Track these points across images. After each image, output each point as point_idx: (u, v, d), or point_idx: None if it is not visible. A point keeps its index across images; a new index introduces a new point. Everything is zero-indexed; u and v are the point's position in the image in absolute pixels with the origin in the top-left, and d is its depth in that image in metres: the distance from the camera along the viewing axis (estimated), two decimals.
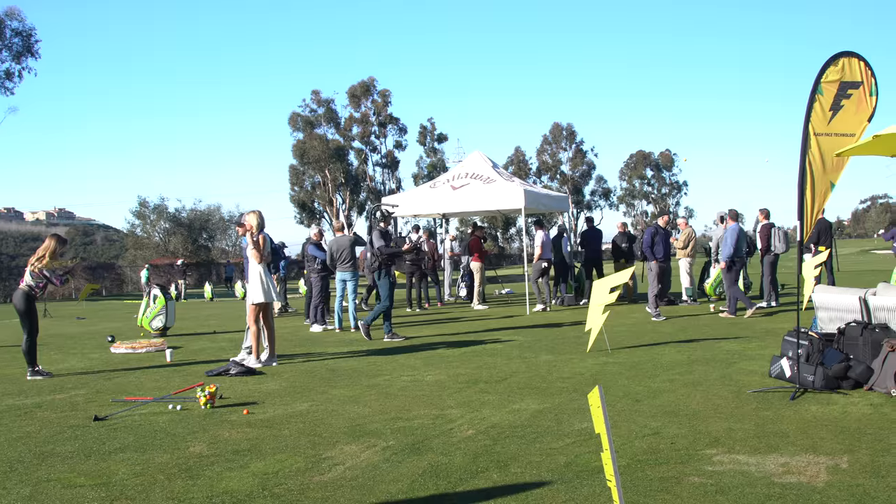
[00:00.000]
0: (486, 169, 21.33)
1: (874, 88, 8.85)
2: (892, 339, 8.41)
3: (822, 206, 8.74)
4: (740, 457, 6.08)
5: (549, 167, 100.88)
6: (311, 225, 70.59)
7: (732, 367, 10.06)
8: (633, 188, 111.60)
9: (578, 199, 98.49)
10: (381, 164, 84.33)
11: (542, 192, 23.28)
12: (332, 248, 16.45)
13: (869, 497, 5.10)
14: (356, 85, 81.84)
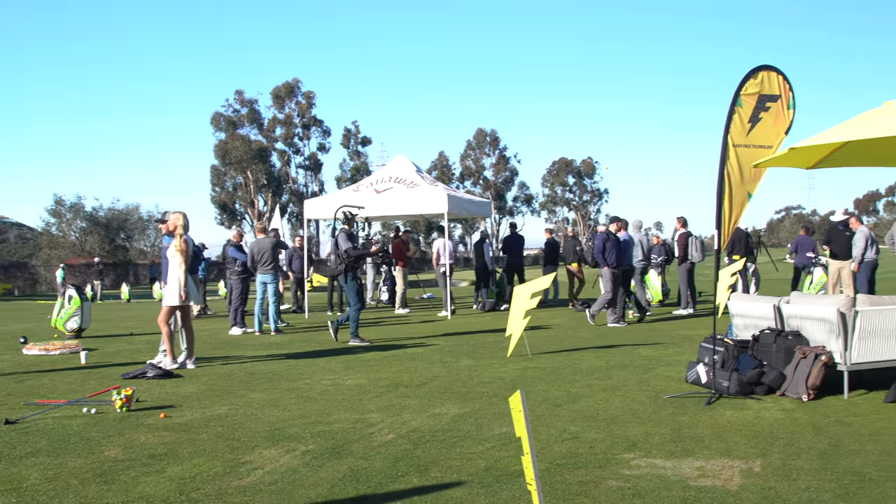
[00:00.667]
0: (410, 173, 21.34)
1: (792, 102, 9.07)
2: (804, 346, 8.63)
3: (739, 216, 8.92)
4: (657, 461, 6.17)
5: (472, 172, 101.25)
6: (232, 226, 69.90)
7: (650, 373, 10.20)
8: (555, 195, 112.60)
9: (501, 205, 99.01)
10: (305, 166, 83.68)
11: (465, 198, 23.36)
12: (252, 251, 16.29)
13: (781, 499, 5.21)
14: (280, 86, 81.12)
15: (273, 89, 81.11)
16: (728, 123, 8.66)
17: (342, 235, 14.47)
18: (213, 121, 78.99)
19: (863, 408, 7.93)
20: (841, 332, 8.40)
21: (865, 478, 5.64)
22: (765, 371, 8.62)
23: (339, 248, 14.39)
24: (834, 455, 6.25)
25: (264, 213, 76.32)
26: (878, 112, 8.00)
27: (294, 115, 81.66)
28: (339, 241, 14.47)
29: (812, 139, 8.11)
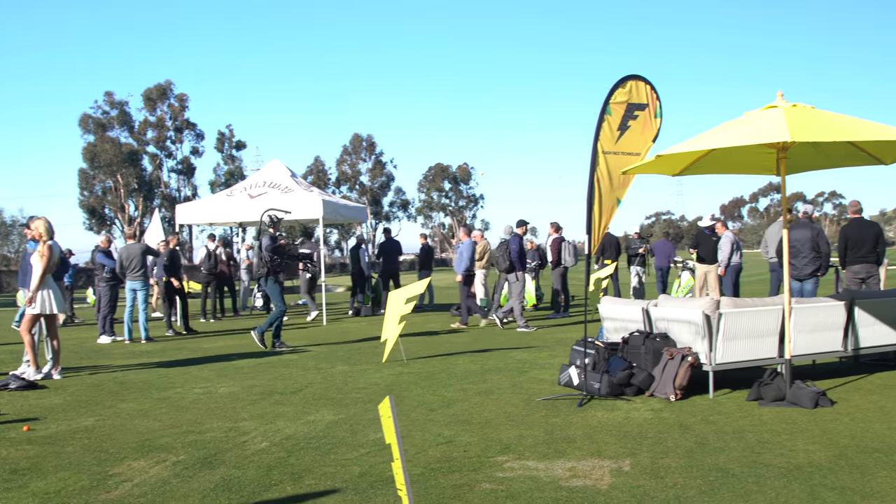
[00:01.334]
0: (285, 178, 21.13)
1: (659, 111, 9.32)
2: (672, 348, 8.86)
3: (608, 222, 9.11)
4: (530, 462, 6.24)
5: (348, 178, 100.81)
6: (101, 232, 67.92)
7: (524, 376, 10.33)
8: (431, 200, 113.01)
9: (377, 210, 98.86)
10: (177, 170, 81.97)
11: (341, 203, 23.27)
12: (121, 257, 15.86)
13: (649, 497, 5.34)
14: (152, 88, 79.28)
15: (145, 91, 79.25)
16: (597, 131, 8.84)
17: (266, 239, 14.26)
18: (81, 122, 76.59)
19: (727, 406, 8.19)
20: (706, 333, 8.66)
21: (729, 474, 5.83)
22: (634, 372, 8.82)
23: (262, 250, 14.21)
24: (700, 453, 6.43)
25: (135, 218, 74.48)
26: (739, 122, 8.29)
27: (166, 118, 79.94)
28: (263, 243, 14.29)
29: (677, 147, 8.35)
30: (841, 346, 9.57)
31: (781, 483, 5.58)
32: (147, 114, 79.48)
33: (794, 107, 8.11)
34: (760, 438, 6.84)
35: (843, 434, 6.93)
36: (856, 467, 5.93)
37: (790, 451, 6.41)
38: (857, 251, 12.86)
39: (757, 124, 7.86)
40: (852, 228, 13.11)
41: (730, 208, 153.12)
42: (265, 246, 14.15)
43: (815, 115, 8.06)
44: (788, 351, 8.75)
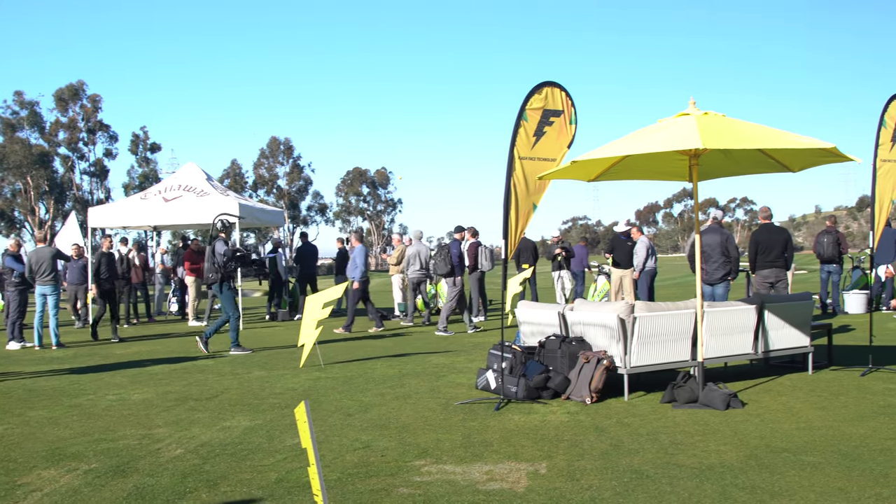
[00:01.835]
0: (201, 181, 20.83)
1: (574, 117, 9.43)
2: (587, 352, 8.96)
3: (525, 226, 9.18)
4: (447, 466, 6.26)
5: (265, 181, 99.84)
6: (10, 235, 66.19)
7: (441, 380, 10.35)
8: (349, 204, 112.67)
9: (295, 215, 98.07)
10: (90, 172, 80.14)
11: (258, 207, 23.04)
12: (31, 261, 15.48)
13: (565, 499, 5.39)
14: (63, 88, 77.40)
15: (56, 91, 77.28)
16: (514, 137, 8.91)
17: (219, 244, 14.03)
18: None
19: (641, 409, 8.31)
20: (621, 337, 8.78)
21: (643, 475, 5.92)
22: (551, 376, 8.90)
23: (215, 256, 13.97)
24: (615, 455, 6.52)
25: (46, 222, 72.76)
26: (653, 129, 8.44)
27: (78, 119, 78.14)
28: (215, 248, 14.03)
29: (592, 153, 8.47)
30: (751, 348, 9.78)
31: (694, 483, 5.69)
32: (59, 114, 77.61)
33: (705, 115, 8.28)
34: (674, 440, 6.96)
35: (753, 434, 7.08)
36: (765, 467, 6.07)
37: (703, 452, 6.53)
38: (767, 256, 13.17)
39: (670, 131, 8.01)
40: (762, 234, 13.41)
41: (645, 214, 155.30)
42: (218, 251, 13.94)
43: (725, 122, 8.24)
44: (701, 354, 8.91)
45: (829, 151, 8.38)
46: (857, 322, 16.33)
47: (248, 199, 23.95)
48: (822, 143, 8.13)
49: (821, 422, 7.54)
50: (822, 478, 5.77)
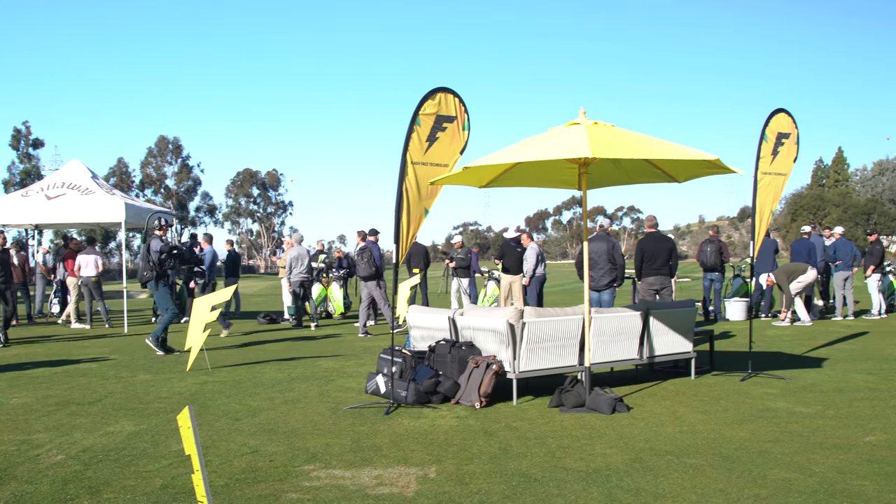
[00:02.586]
0: (85, 179, 20.27)
1: (467, 123, 9.49)
2: (477, 356, 9.03)
3: (416, 231, 9.21)
4: (336, 471, 6.23)
5: (153, 181, 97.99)
6: None
7: (331, 385, 10.29)
8: (239, 206, 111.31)
9: (183, 215, 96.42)
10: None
11: (145, 207, 22.53)
12: None
13: (454, 503, 5.43)
14: None
15: None
16: (407, 142, 8.93)
17: (155, 242, 13.68)
18: None
19: (530, 413, 8.41)
20: (510, 342, 8.87)
21: (531, 478, 5.99)
22: (440, 380, 8.93)
23: (150, 253, 13.63)
24: (503, 458, 6.58)
25: None
26: (544, 137, 8.55)
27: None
28: (151, 247, 13.70)
29: (484, 160, 8.53)
30: (637, 354, 9.99)
31: (580, 486, 5.78)
32: None
33: (595, 124, 8.44)
34: (561, 443, 7.06)
35: (638, 438, 7.23)
36: (650, 469, 6.20)
37: (589, 456, 6.64)
38: (652, 264, 13.46)
39: (560, 140, 8.13)
40: (648, 242, 13.71)
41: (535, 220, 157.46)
42: (154, 249, 13.61)
43: (614, 133, 8.41)
44: (588, 359, 9.06)
45: (713, 163, 8.63)
46: (738, 328, 16.83)
47: (134, 199, 23.44)
48: (706, 155, 8.37)
49: (702, 425, 7.75)
50: (703, 479, 5.93)
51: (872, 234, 20.30)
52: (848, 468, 6.19)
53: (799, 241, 19.25)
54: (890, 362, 11.71)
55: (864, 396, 9.10)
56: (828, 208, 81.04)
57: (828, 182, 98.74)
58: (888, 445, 6.87)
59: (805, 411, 8.34)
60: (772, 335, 15.72)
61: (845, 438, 7.14)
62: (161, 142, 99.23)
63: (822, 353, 12.83)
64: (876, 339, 14.86)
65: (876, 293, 19.48)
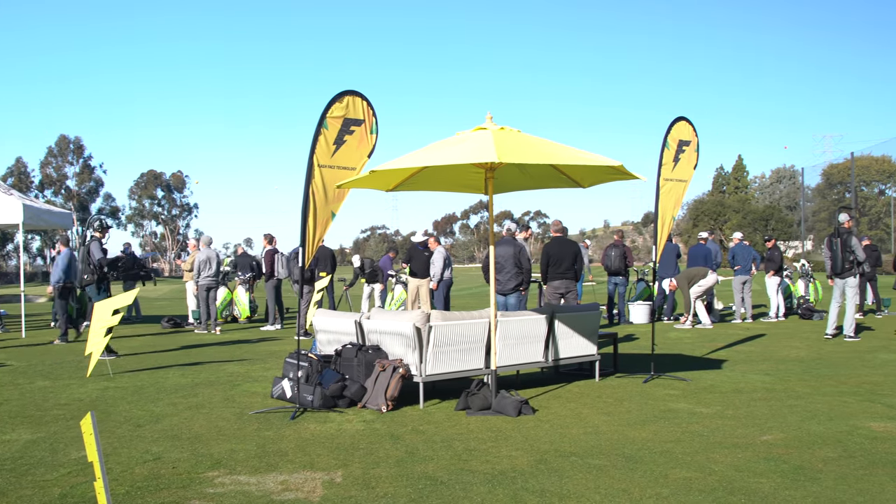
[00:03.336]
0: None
1: (375, 127, 9.49)
2: (384, 360, 9.02)
3: (323, 234, 9.17)
4: (241, 477, 6.16)
5: (53, 181, 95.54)
6: None
7: (236, 389, 10.18)
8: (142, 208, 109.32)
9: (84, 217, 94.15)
10: None
11: (44, 208, 21.95)
12: None
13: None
14: None
15: None
16: (314, 145, 8.88)
17: (95, 245, 13.29)
18: None
19: (436, 416, 8.44)
20: (417, 345, 8.88)
21: (438, 481, 6.00)
22: (347, 384, 8.90)
23: (91, 257, 13.32)
24: (410, 462, 6.58)
25: None
26: (451, 142, 8.59)
27: None
28: (91, 250, 13.35)
29: (390, 163, 8.54)
30: (542, 357, 10.09)
31: (486, 489, 5.82)
32: None
33: (501, 129, 8.50)
34: (467, 446, 7.09)
35: (543, 440, 7.31)
36: (554, 471, 6.27)
37: (495, 458, 6.69)
38: (558, 267, 13.61)
39: (467, 144, 8.17)
40: (553, 246, 13.86)
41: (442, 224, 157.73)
42: (94, 252, 13.25)
43: (520, 138, 8.49)
44: (494, 362, 9.13)
45: (617, 169, 8.77)
46: (641, 331, 17.14)
47: (33, 200, 22.77)
48: (610, 161, 8.50)
49: (606, 426, 7.87)
50: (607, 480, 6.02)
51: (770, 239, 20.87)
52: (746, 466, 6.35)
53: (695, 247, 19.70)
54: (786, 363, 12.05)
55: (761, 397, 9.35)
56: (728, 214, 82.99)
57: (728, 189, 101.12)
58: (784, 444, 7.07)
59: (705, 412, 8.53)
60: (674, 338, 16.04)
61: (743, 438, 7.33)
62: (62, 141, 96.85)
63: (721, 355, 13.14)
64: (773, 340, 15.28)
65: (774, 296, 20.02)
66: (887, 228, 70.52)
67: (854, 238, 14.90)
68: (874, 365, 11.78)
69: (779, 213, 79.86)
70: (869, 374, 10.94)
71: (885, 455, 6.67)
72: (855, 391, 9.64)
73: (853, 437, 7.29)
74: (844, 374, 10.89)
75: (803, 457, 6.64)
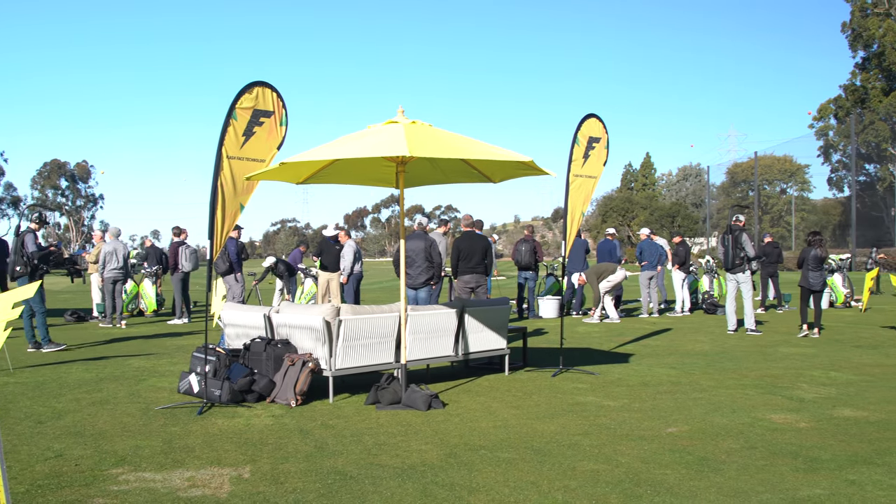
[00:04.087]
0: None
1: (284, 119, 9.39)
2: (293, 354, 8.96)
3: (231, 227, 9.05)
4: (147, 474, 6.05)
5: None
6: None
7: (142, 385, 10.00)
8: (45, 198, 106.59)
9: None
10: None
11: None
12: None
13: (269, 503, 5.36)
14: None
15: None
16: (222, 135, 8.76)
17: (30, 237, 12.86)
18: None
19: (346, 410, 8.40)
20: (326, 339, 8.83)
21: (347, 476, 5.98)
22: (255, 379, 8.82)
23: (24, 248, 12.92)
24: (319, 456, 6.55)
25: None
26: (362, 134, 8.57)
27: None
28: (25, 241, 12.92)
29: (301, 156, 8.48)
30: (452, 351, 10.12)
31: (396, 483, 5.81)
32: None
33: (413, 123, 8.51)
34: (377, 440, 7.08)
35: (453, 434, 7.34)
36: (464, 464, 6.30)
37: (405, 452, 6.69)
38: (468, 262, 13.68)
39: (378, 138, 8.16)
40: (464, 241, 13.92)
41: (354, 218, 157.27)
42: (28, 244, 12.82)
43: (432, 132, 8.51)
44: (404, 356, 9.14)
45: (527, 165, 8.85)
46: (550, 326, 17.30)
47: None
48: (520, 156, 8.57)
49: (515, 420, 7.93)
50: (516, 473, 6.07)
51: (676, 235, 21.28)
52: (652, 458, 6.47)
53: (603, 242, 19.98)
54: (692, 357, 12.30)
55: (666, 390, 9.52)
56: (636, 210, 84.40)
57: (636, 186, 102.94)
58: (689, 436, 7.21)
59: (612, 405, 8.66)
60: (582, 332, 16.24)
61: (649, 430, 7.46)
62: None
63: (629, 349, 13.35)
64: (679, 335, 15.58)
65: (680, 291, 20.40)
66: (788, 226, 72.49)
67: (745, 235, 15.32)
68: (775, 358, 12.10)
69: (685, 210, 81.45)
70: (770, 367, 11.23)
71: (784, 446, 6.85)
72: (756, 384, 9.88)
73: (755, 429, 7.48)
74: (746, 368, 11.16)
75: (707, 448, 6.79)
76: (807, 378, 10.27)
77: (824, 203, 77.26)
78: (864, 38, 66.66)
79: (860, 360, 11.79)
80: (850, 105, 67.87)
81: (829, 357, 12.19)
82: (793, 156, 77.87)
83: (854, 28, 67.65)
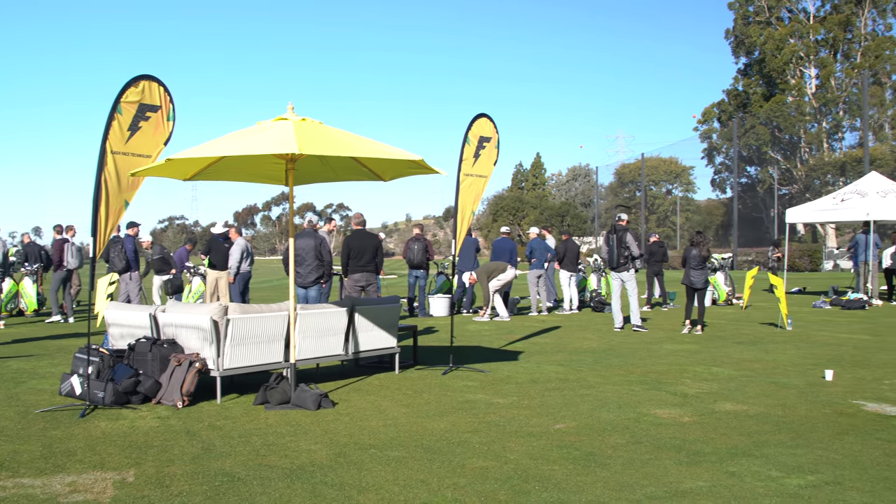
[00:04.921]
0: None
1: (172, 114, 9.23)
2: (179, 354, 8.80)
3: (115, 224, 8.86)
4: (25, 480, 5.87)
5: None
6: None
7: (21, 387, 9.69)
8: None
9: None
10: None
11: None
12: None
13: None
14: None
15: None
16: (106, 130, 8.55)
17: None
18: None
19: (234, 411, 8.29)
20: (214, 339, 8.70)
21: (235, 478, 5.91)
22: (141, 380, 8.63)
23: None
24: (206, 458, 6.45)
25: None
26: (251, 131, 8.47)
27: None
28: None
29: (188, 152, 8.33)
30: (342, 350, 10.08)
31: (285, 483, 5.76)
32: None
33: (303, 120, 8.44)
34: (266, 441, 7.01)
35: (342, 433, 7.31)
36: (354, 464, 6.28)
37: (294, 452, 6.63)
38: (359, 260, 13.63)
39: (268, 135, 8.08)
40: (355, 239, 13.86)
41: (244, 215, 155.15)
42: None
43: (322, 130, 8.46)
44: (293, 355, 9.06)
45: (418, 163, 8.87)
46: (441, 324, 17.38)
47: None
48: (410, 154, 8.58)
49: (405, 418, 7.94)
50: (406, 471, 6.08)
51: (565, 234, 21.59)
52: (540, 454, 6.55)
53: (500, 240, 20.13)
54: (579, 354, 12.50)
55: (555, 387, 9.65)
56: (526, 210, 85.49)
57: (527, 185, 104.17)
58: (576, 432, 7.33)
59: (502, 402, 8.74)
60: (472, 330, 16.34)
61: (538, 427, 7.55)
62: None
63: (518, 347, 13.49)
64: (567, 332, 15.81)
65: (568, 289, 20.69)
66: (674, 226, 74.34)
67: (629, 234, 15.67)
68: (660, 355, 12.38)
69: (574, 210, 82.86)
70: (655, 363, 11.49)
71: (669, 440, 7.02)
72: (642, 380, 10.10)
73: (640, 424, 7.64)
74: (632, 364, 11.39)
75: (594, 443, 6.91)
76: (690, 374, 10.54)
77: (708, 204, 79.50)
78: (747, 44, 68.93)
79: (740, 356, 12.15)
80: (733, 109, 69.92)
81: (711, 353, 12.52)
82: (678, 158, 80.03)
83: (737, 35, 69.90)
